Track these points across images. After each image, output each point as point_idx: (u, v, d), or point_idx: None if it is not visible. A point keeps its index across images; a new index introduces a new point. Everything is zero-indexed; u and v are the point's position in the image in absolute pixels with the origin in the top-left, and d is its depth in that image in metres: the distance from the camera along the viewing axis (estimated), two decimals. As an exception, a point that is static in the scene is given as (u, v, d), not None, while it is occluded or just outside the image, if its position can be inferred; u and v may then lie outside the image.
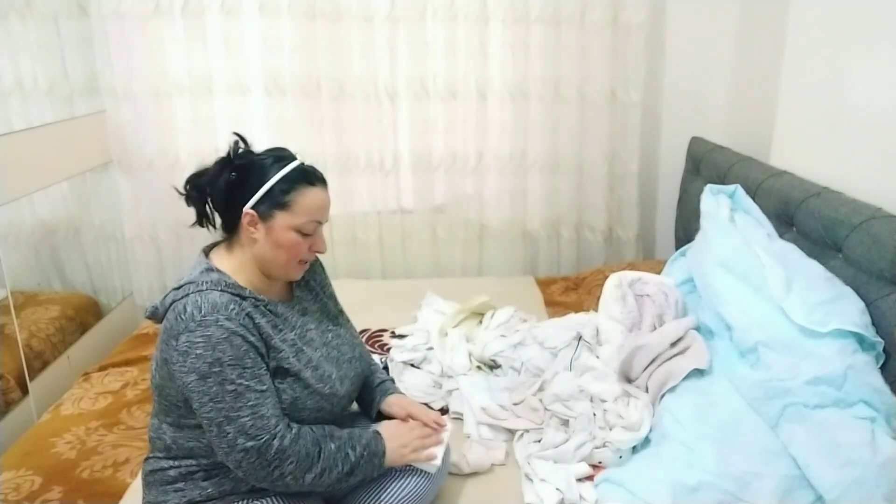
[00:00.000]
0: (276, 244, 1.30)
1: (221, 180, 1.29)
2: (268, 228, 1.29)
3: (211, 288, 1.23)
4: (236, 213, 1.30)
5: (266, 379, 1.22)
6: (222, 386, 1.17)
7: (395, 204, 2.91)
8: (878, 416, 1.39)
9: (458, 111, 2.76)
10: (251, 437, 1.17)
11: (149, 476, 1.34)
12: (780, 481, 1.36)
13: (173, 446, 1.30)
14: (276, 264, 1.32)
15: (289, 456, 1.19)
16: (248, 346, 1.20)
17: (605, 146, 2.79)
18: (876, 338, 1.51)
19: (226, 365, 1.18)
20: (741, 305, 1.69)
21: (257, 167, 1.30)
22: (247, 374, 1.19)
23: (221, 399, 1.17)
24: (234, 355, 1.18)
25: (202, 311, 1.19)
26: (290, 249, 1.30)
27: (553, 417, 1.72)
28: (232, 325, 1.20)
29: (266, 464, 1.18)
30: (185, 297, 1.22)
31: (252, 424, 1.18)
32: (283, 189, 1.28)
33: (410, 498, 1.40)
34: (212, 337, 1.18)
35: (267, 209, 1.28)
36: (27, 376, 2.19)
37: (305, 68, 2.68)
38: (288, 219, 1.29)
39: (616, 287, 1.99)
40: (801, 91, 2.06)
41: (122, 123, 2.73)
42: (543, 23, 2.64)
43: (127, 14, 2.60)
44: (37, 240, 2.54)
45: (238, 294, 1.26)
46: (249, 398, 1.18)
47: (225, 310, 1.20)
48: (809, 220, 1.80)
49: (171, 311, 1.23)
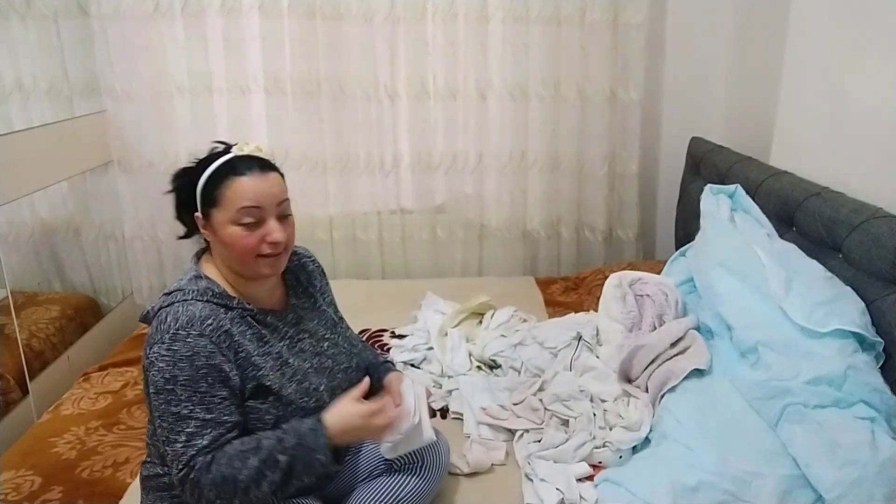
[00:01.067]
0: (223, 243, 1.27)
1: (177, 189, 1.31)
2: (213, 229, 1.27)
3: (196, 298, 1.22)
4: (191, 218, 1.31)
5: (216, 407, 1.18)
6: (169, 405, 1.16)
7: (395, 204, 2.91)
8: (878, 416, 1.39)
9: (458, 111, 2.76)
10: (178, 463, 1.16)
11: (145, 481, 1.34)
12: (780, 481, 1.36)
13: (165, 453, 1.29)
14: (235, 263, 1.28)
15: (205, 485, 1.15)
16: (207, 370, 1.17)
17: (605, 146, 2.79)
18: (876, 338, 1.51)
19: (178, 384, 1.16)
20: (741, 305, 1.69)
21: (193, 170, 1.30)
22: (195, 399, 1.16)
23: (166, 419, 1.17)
24: (190, 377, 1.16)
25: (178, 322, 1.18)
26: (237, 245, 1.25)
27: (553, 417, 1.72)
28: (200, 344, 1.17)
29: (189, 493, 1.16)
30: (170, 306, 1.21)
31: (183, 452, 1.16)
32: (212, 185, 1.26)
33: (410, 497, 1.40)
34: (176, 353, 1.17)
35: (206, 209, 1.27)
36: (27, 376, 2.19)
37: (305, 68, 2.68)
38: (222, 214, 1.25)
39: (616, 287, 1.99)
40: (801, 91, 2.06)
41: (122, 123, 2.73)
42: (543, 23, 2.64)
43: (127, 14, 2.60)
44: (37, 240, 2.54)
45: (224, 304, 1.24)
46: (188, 425, 1.16)
47: (200, 325, 1.18)
48: (809, 220, 1.80)
49: (156, 318, 1.22)
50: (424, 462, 1.44)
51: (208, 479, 1.15)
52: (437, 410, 1.87)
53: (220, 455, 1.17)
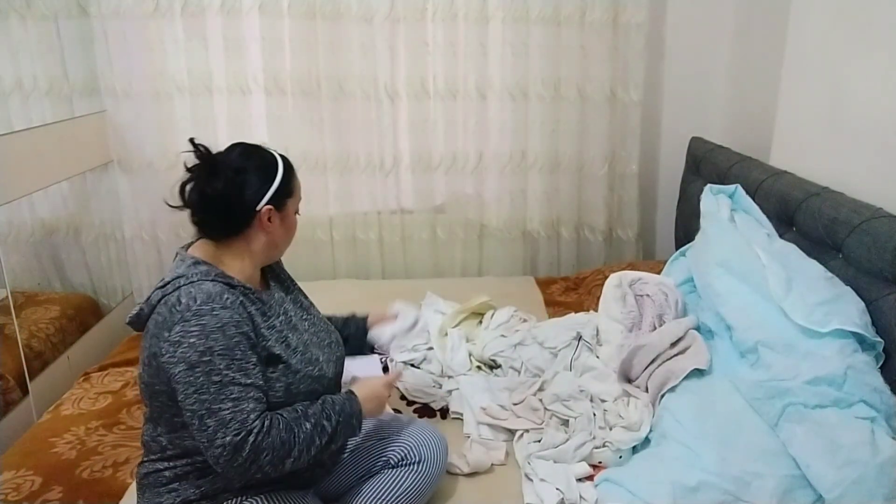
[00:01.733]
0: (287, 229, 1.39)
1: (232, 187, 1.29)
2: (283, 217, 1.36)
3: (202, 279, 1.24)
4: (247, 214, 1.31)
5: (252, 372, 1.22)
6: (209, 376, 1.17)
7: (395, 204, 2.91)
8: (878, 416, 1.39)
9: (458, 111, 2.76)
10: (230, 431, 1.16)
11: (143, 479, 1.34)
12: (780, 481, 1.36)
13: (169, 447, 1.30)
14: (283, 246, 1.41)
15: (264, 450, 1.18)
16: (239, 337, 1.21)
17: (605, 146, 2.79)
18: (876, 338, 1.52)
19: (216, 354, 1.18)
20: (741, 305, 1.69)
21: (258, 166, 1.33)
22: (234, 366, 1.19)
23: (206, 390, 1.17)
24: (225, 345, 1.19)
25: (197, 301, 1.20)
26: (293, 229, 1.41)
27: (553, 417, 1.72)
28: (226, 315, 1.20)
29: (242, 459, 1.17)
30: (177, 291, 1.22)
31: (232, 418, 1.17)
32: (288, 178, 1.36)
33: (408, 493, 1.41)
34: (206, 326, 1.18)
35: (281, 200, 1.34)
36: (27, 376, 2.19)
37: (305, 68, 2.68)
38: (294, 203, 1.39)
39: (616, 287, 1.99)
40: (801, 91, 2.06)
41: (122, 123, 2.73)
42: (543, 23, 2.64)
43: (127, 14, 2.59)
44: (37, 240, 2.54)
45: (228, 283, 1.27)
46: (232, 391, 1.18)
47: (220, 299, 1.21)
48: (809, 220, 1.80)
49: (162, 305, 1.22)
50: (423, 459, 1.45)
51: (269, 443, 1.18)
52: (437, 410, 1.87)
53: (276, 420, 1.21)
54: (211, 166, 1.30)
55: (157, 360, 1.22)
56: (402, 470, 1.44)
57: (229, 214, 1.31)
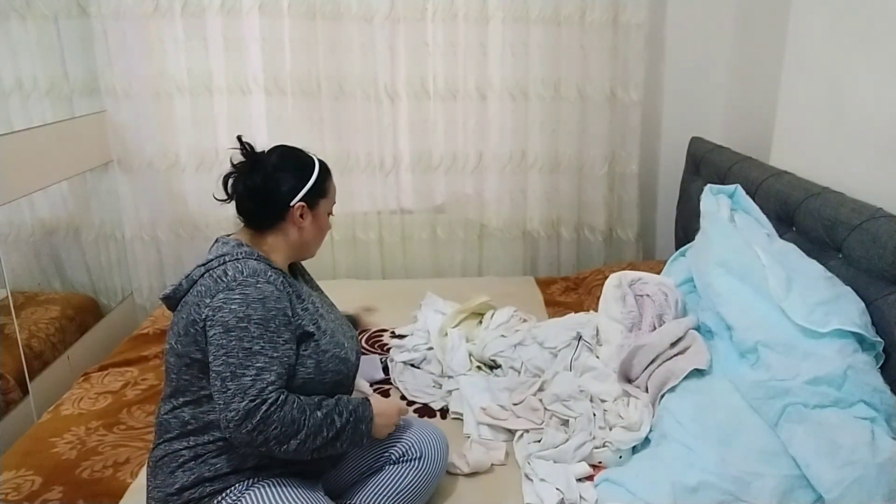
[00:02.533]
0: (318, 228, 1.46)
1: (273, 180, 1.38)
2: (314, 216, 1.44)
3: (247, 257, 1.33)
4: (282, 208, 1.39)
5: (282, 347, 1.27)
6: (241, 342, 1.23)
7: (395, 204, 2.91)
8: (878, 416, 1.39)
9: (458, 111, 2.76)
10: (246, 396, 1.21)
11: (158, 462, 1.34)
12: (780, 481, 1.36)
13: (192, 421, 1.32)
14: (313, 245, 1.48)
15: (274, 421, 1.21)
16: (277, 311, 1.28)
17: (605, 146, 2.79)
18: (876, 338, 1.51)
19: (252, 322, 1.25)
20: (741, 305, 1.69)
21: (297, 164, 1.42)
22: (266, 337, 1.25)
23: (235, 355, 1.23)
24: (263, 316, 1.26)
25: (244, 273, 1.28)
26: (325, 230, 1.49)
27: (553, 417, 1.72)
28: (269, 289, 1.28)
29: (252, 427, 1.20)
30: (223, 266, 1.30)
31: (251, 385, 1.22)
32: (323, 179, 1.44)
33: (409, 490, 1.43)
34: (249, 296, 1.26)
35: (314, 199, 1.42)
36: (27, 376, 2.19)
37: (305, 68, 2.68)
38: (327, 204, 1.47)
39: (616, 287, 1.99)
40: (801, 91, 2.06)
41: (122, 123, 2.74)
42: (543, 23, 2.64)
43: (127, 14, 2.60)
44: (37, 240, 2.54)
45: (269, 265, 1.35)
46: (259, 360, 1.24)
47: (265, 275, 1.30)
48: (809, 220, 1.80)
49: (208, 276, 1.30)
50: (423, 455, 1.47)
51: (279, 416, 1.22)
52: (437, 410, 1.88)
53: (291, 399, 1.26)
54: (253, 163, 1.39)
55: (195, 326, 1.28)
56: (404, 466, 1.45)
57: (266, 207, 1.40)
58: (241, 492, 1.30)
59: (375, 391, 1.97)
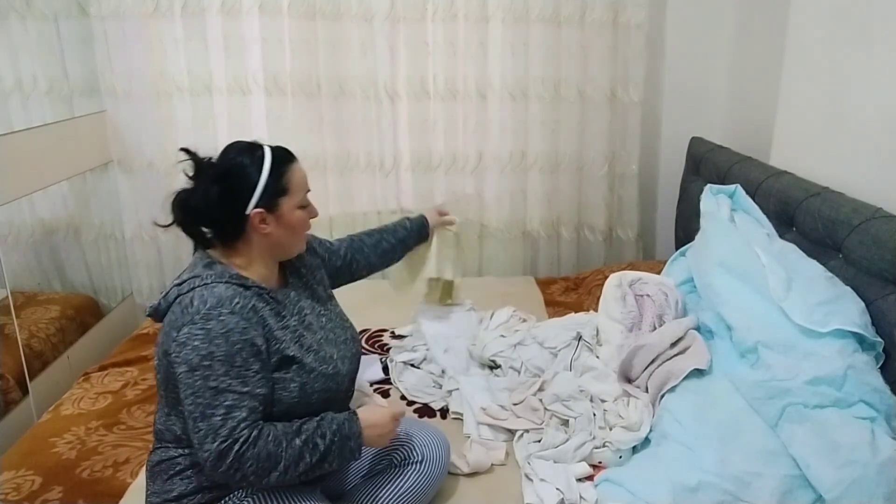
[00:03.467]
0: (289, 228, 1.36)
1: (213, 195, 1.29)
2: (278, 218, 1.33)
3: (216, 281, 1.26)
4: (238, 219, 1.31)
5: (251, 380, 1.22)
6: (206, 381, 1.19)
7: (395, 204, 2.91)
8: (878, 416, 1.39)
9: (458, 111, 2.76)
10: (217, 437, 1.17)
11: (156, 467, 1.34)
12: (780, 481, 1.36)
13: (183, 436, 1.30)
14: (292, 244, 1.40)
15: (248, 459, 1.18)
16: (242, 344, 1.22)
17: (605, 146, 2.79)
18: (876, 338, 1.51)
19: (216, 360, 1.19)
20: (741, 305, 1.69)
21: (240, 169, 1.31)
22: (232, 373, 1.20)
23: (202, 395, 1.19)
24: (226, 352, 1.20)
25: (207, 304, 1.22)
26: (300, 226, 1.38)
27: (553, 417, 1.72)
28: (233, 320, 1.22)
29: (226, 467, 1.18)
30: (191, 291, 1.24)
31: (222, 425, 1.18)
32: (277, 175, 1.32)
33: (410, 492, 1.42)
34: (211, 331, 1.20)
35: (271, 201, 1.32)
36: (27, 376, 2.19)
37: (305, 68, 2.68)
38: (291, 200, 1.34)
39: (616, 287, 1.99)
40: (801, 91, 2.06)
41: (122, 123, 2.74)
42: (543, 23, 2.64)
43: (127, 14, 2.60)
44: (37, 240, 2.54)
45: (242, 284, 1.28)
46: (227, 398, 1.19)
47: (229, 303, 1.23)
48: (809, 220, 1.80)
49: (177, 304, 1.25)
50: (425, 458, 1.46)
51: (253, 453, 1.19)
52: (437, 410, 1.88)
53: (265, 432, 1.21)
54: (195, 179, 1.32)
55: (167, 357, 1.24)
56: (405, 469, 1.45)
57: (218, 226, 1.33)
58: (241, 499, 1.29)
59: (375, 391, 1.97)
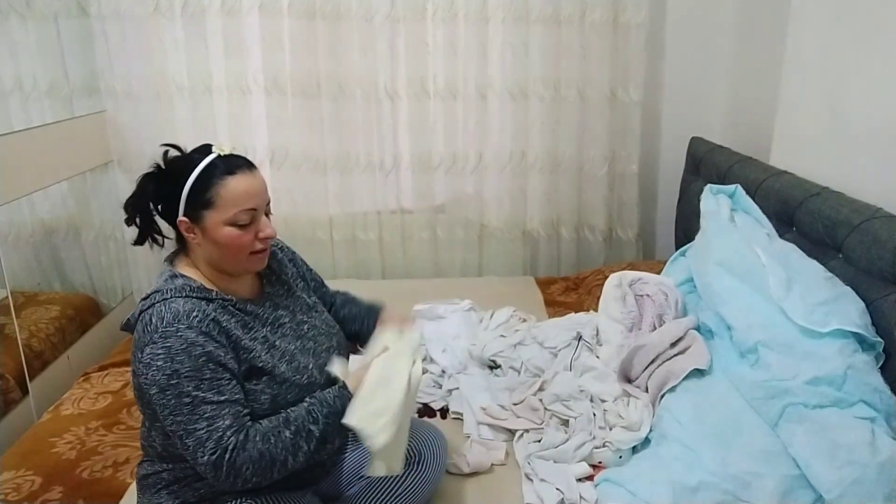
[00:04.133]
0: (215, 244, 1.26)
1: (148, 196, 1.28)
2: (203, 230, 1.26)
3: (175, 295, 1.22)
4: (173, 225, 1.29)
5: (226, 389, 1.19)
6: (179, 398, 1.16)
7: (395, 204, 2.91)
8: (878, 416, 1.39)
9: (458, 111, 2.76)
10: (206, 450, 1.15)
11: (143, 480, 1.34)
12: (780, 481, 1.36)
13: (164, 453, 1.30)
14: (227, 262, 1.29)
15: (242, 463, 1.16)
16: (206, 357, 1.18)
17: (605, 146, 2.79)
18: (876, 338, 1.51)
19: (182, 377, 1.16)
20: (741, 305, 1.69)
21: (175, 173, 1.27)
22: (203, 386, 1.17)
23: (179, 412, 1.16)
24: (191, 366, 1.16)
25: (164, 321, 1.18)
26: (232, 245, 1.26)
27: (553, 417, 1.72)
28: (192, 335, 1.18)
29: (225, 475, 1.16)
30: (152, 308, 1.21)
31: (208, 437, 1.15)
32: (203, 187, 1.24)
33: (407, 493, 1.41)
34: (171, 348, 1.16)
35: (195, 212, 1.25)
36: (27, 376, 2.19)
37: (305, 68, 2.68)
38: (217, 215, 1.24)
39: (616, 287, 1.99)
40: (801, 91, 2.06)
41: (122, 123, 2.73)
42: (543, 23, 2.64)
43: (127, 14, 2.59)
44: (37, 240, 2.54)
45: (204, 297, 1.25)
46: (205, 410, 1.16)
47: (187, 318, 1.18)
48: (809, 220, 1.80)
49: (140, 321, 1.21)
50: (422, 458, 1.46)
51: (245, 457, 1.16)
52: (437, 410, 1.87)
53: (252, 433, 1.18)
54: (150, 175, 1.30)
55: (136, 378, 1.22)
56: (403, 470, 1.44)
57: (148, 225, 1.32)
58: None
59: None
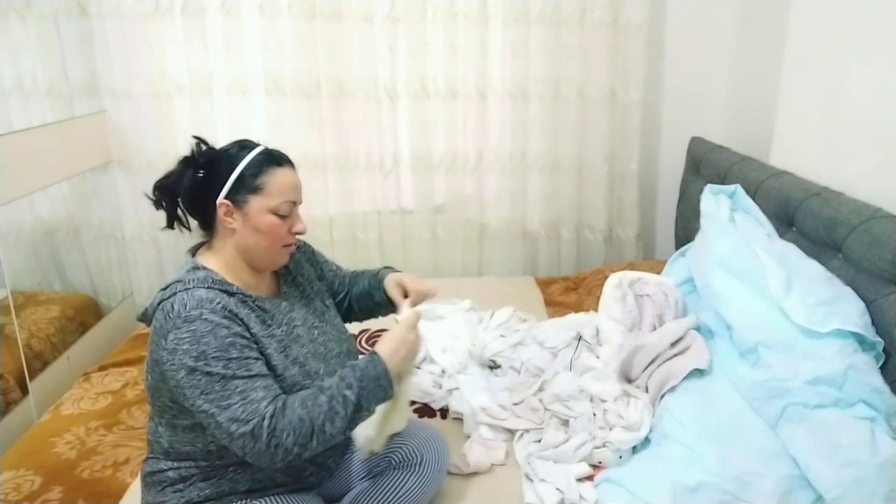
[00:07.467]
0: (255, 230, 1.29)
1: (187, 178, 1.30)
2: (244, 215, 1.29)
3: (198, 285, 1.23)
4: (210, 208, 1.30)
5: (254, 366, 1.20)
6: (210, 377, 1.16)
7: (395, 204, 2.91)
8: (878, 416, 1.40)
9: (458, 111, 2.76)
10: (243, 422, 1.15)
11: (147, 477, 1.34)
12: (780, 481, 1.36)
13: (171, 450, 1.30)
14: (260, 251, 1.32)
15: (283, 430, 1.16)
16: (232, 337, 1.19)
17: (605, 146, 2.79)
18: (876, 338, 1.52)
19: (210, 357, 1.17)
20: (741, 305, 1.69)
21: (223, 158, 1.30)
22: (232, 365, 1.18)
23: (211, 389, 1.16)
24: (218, 347, 1.17)
25: (187, 307, 1.19)
26: (271, 233, 1.30)
27: (553, 417, 1.72)
28: (216, 318, 1.19)
29: (265, 445, 1.16)
30: (173, 296, 1.22)
31: (243, 409, 1.15)
32: (253, 173, 1.28)
33: (409, 495, 1.41)
34: (196, 331, 1.18)
35: (241, 196, 1.28)
36: (27, 376, 2.19)
37: (305, 68, 2.68)
38: (263, 202, 1.29)
39: (616, 287, 1.99)
40: (801, 91, 2.06)
41: (122, 123, 2.73)
42: (543, 23, 2.64)
43: (127, 14, 2.60)
44: (37, 240, 2.54)
45: (225, 290, 1.26)
46: (237, 384, 1.17)
47: (210, 304, 1.20)
48: (809, 220, 1.80)
49: (160, 310, 1.22)
50: (423, 459, 1.46)
51: (285, 423, 1.16)
52: (437, 410, 1.87)
53: (290, 401, 1.19)
54: (185, 161, 1.32)
55: (159, 366, 1.22)
56: (404, 471, 1.44)
57: (192, 206, 1.32)
58: None
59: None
